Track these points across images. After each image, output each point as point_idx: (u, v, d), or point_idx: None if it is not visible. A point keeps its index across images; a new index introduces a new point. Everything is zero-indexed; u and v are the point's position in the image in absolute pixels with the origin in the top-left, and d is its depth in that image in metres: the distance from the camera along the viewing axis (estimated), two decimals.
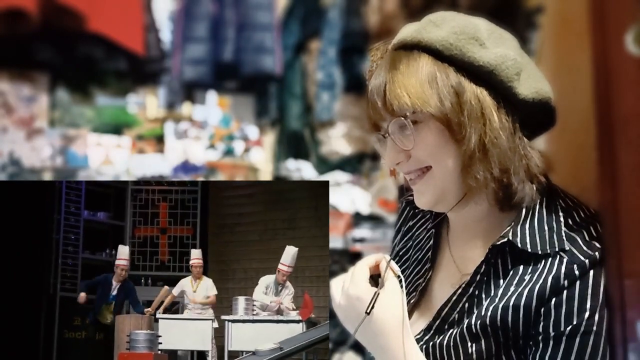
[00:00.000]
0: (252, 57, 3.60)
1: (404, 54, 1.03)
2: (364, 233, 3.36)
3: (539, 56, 1.81)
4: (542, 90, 1.03)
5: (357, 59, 3.57)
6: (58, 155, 3.36)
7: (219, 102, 3.86)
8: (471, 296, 1.04)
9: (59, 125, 3.42)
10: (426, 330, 1.08)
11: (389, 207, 3.37)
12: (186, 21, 3.58)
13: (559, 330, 0.95)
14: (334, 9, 3.74)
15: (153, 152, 3.66)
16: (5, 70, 3.28)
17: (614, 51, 0.87)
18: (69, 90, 3.45)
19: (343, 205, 3.46)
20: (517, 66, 1.00)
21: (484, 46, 1.00)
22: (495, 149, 0.98)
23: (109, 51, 3.28)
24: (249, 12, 3.62)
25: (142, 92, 3.68)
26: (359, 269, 1.05)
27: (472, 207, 1.05)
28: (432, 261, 1.15)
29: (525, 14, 2.61)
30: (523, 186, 1.01)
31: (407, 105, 0.99)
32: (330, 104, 3.72)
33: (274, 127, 4.03)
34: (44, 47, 3.20)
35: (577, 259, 0.96)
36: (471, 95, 0.99)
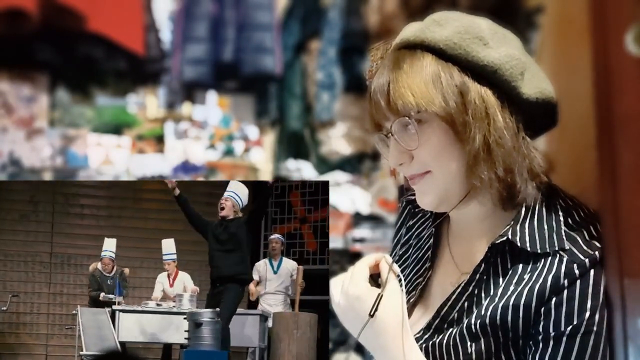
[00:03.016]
0: (252, 57, 3.60)
1: (407, 53, 1.03)
2: (364, 233, 3.35)
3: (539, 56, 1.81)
4: (545, 90, 1.03)
5: (357, 59, 3.57)
6: (58, 155, 3.36)
7: (219, 102, 3.86)
8: (471, 295, 1.04)
9: (59, 125, 3.42)
10: (425, 330, 1.07)
11: (389, 207, 3.36)
12: (186, 21, 3.58)
13: (559, 330, 0.95)
14: (334, 9, 3.74)
15: (153, 152, 3.65)
16: (5, 70, 3.28)
17: (614, 51, 0.87)
18: (69, 90, 3.45)
19: (343, 205, 3.45)
20: (521, 66, 1.00)
21: (488, 46, 1.00)
22: (499, 148, 0.98)
23: (109, 51, 3.28)
24: (249, 12, 3.62)
25: (142, 92, 3.68)
26: (358, 269, 1.05)
27: (476, 207, 1.05)
28: (431, 260, 1.14)
29: (525, 14, 2.61)
30: (526, 186, 1.01)
31: (411, 105, 0.99)
32: (330, 104, 3.72)
33: (274, 127, 4.02)
34: (44, 47, 3.20)
35: (577, 258, 0.96)
36: (475, 95, 0.99)
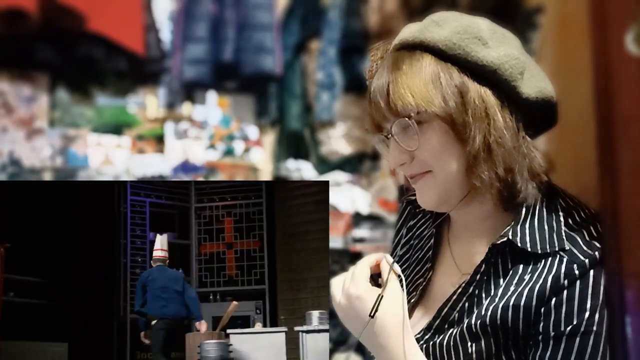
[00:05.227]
0: (252, 57, 3.60)
1: (406, 54, 1.03)
2: (364, 233, 3.35)
3: (539, 56, 1.81)
4: (545, 89, 1.03)
5: (357, 59, 3.57)
6: (58, 155, 3.36)
7: (219, 102, 3.86)
8: (471, 295, 1.04)
9: (59, 125, 3.42)
10: (426, 330, 1.08)
11: (389, 207, 3.37)
12: (186, 21, 3.58)
13: (559, 330, 0.95)
14: (334, 9, 3.74)
15: (153, 152, 3.65)
16: (5, 70, 3.28)
17: (614, 51, 0.87)
18: (69, 90, 3.45)
19: (343, 205, 3.46)
20: (520, 65, 1.00)
21: (487, 45, 1.00)
22: (499, 148, 0.98)
23: (109, 51, 3.28)
24: (249, 12, 3.62)
25: (142, 92, 3.68)
26: (359, 269, 1.05)
27: (477, 207, 1.05)
28: (432, 261, 1.15)
29: (525, 14, 2.61)
30: (527, 185, 1.01)
31: (411, 106, 0.99)
32: (330, 104, 3.72)
33: (274, 127, 4.02)
34: (44, 47, 3.20)
35: (577, 259, 0.96)
36: (475, 95, 0.99)
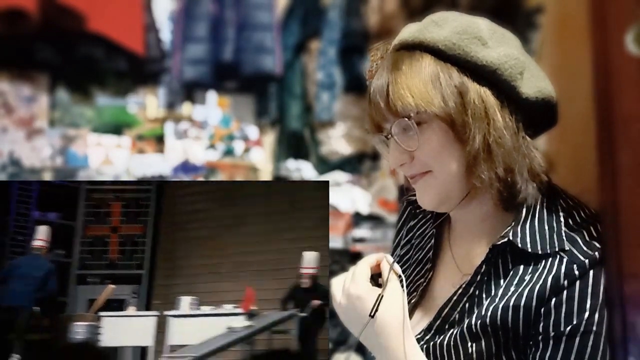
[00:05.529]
0: (252, 57, 3.59)
1: (406, 54, 1.03)
2: (364, 233, 3.35)
3: (539, 56, 1.81)
4: (545, 89, 1.03)
5: (357, 59, 3.57)
6: (58, 155, 3.36)
7: (219, 102, 3.86)
8: (471, 296, 1.04)
9: (59, 125, 3.42)
10: (427, 330, 1.07)
11: (389, 207, 3.37)
12: (186, 21, 3.58)
13: (559, 330, 0.95)
14: (334, 9, 3.73)
15: (153, 152, 3.65)
16: (5, 70, 3.28)
17: (614, 51, 0.87)
18: (69, 90, 3.45)
19: (343, 205, 3.45)
20: (520, 65, 1.00)
21: (486, 46, 1.00)
22: (499, 148, 0.98)
23: (109, 51, 3.28)
24: (249, 12, 3.62)
25: (142, 92, 3.67)
26: (359, 269, 1.05)
27: (477, 207, 1.05)
28: (432, 261, 1.14)
29: (525, 14, 2.61)
30: (527, 185, 1.01)
31: (411, 106, 0.99)
32: (330, 104, 3.71)
33: (274, 127, 4.02)
34: (44, 47, 3.20)
35: (577, 259, 0.96)
36: (475, 95, 0.99)
